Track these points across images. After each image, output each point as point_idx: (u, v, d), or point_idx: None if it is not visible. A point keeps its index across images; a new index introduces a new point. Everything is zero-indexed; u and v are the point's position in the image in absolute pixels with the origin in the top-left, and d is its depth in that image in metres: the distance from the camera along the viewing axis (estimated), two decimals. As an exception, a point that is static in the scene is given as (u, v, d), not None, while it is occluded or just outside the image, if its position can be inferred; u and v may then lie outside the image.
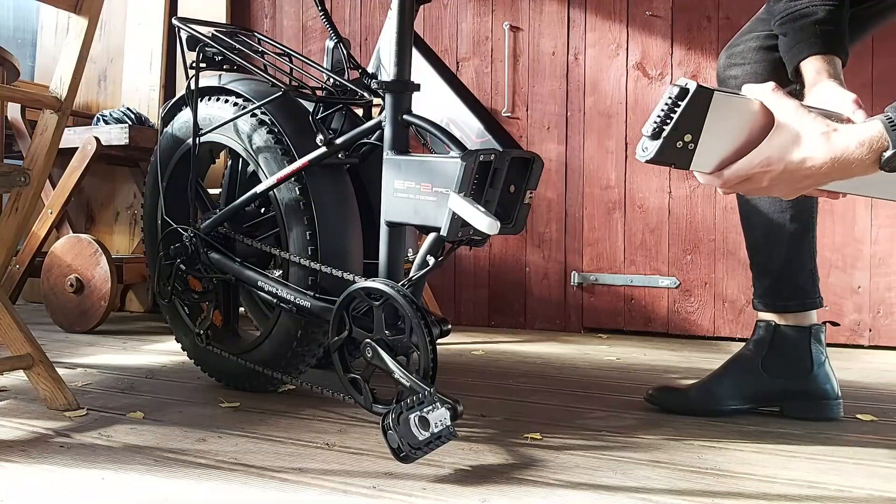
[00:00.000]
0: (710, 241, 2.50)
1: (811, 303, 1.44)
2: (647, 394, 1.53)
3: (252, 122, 1.51)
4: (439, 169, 1.19)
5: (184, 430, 1.32)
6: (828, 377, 1.42)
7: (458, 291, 2.82)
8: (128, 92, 3.04)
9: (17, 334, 1.41)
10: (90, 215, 3.17)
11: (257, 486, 1.05)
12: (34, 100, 1.50)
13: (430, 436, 1.08)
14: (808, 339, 1.42)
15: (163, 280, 1.61)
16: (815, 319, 1.44)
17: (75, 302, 2.44)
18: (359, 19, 2.98)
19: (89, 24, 1.43)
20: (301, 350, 1.49)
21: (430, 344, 1.15)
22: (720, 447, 1.26)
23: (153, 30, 3.03)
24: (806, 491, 1.07)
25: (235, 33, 1.51)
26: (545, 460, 1.18)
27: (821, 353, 1.42)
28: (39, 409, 1.43)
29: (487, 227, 1.11)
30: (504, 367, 1.98)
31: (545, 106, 2.69)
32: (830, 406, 1.41)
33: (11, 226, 1.46)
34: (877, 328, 2.33)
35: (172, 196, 1.65)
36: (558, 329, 2.67)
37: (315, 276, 1.42)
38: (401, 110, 1.28)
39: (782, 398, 1.43)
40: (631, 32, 2.58)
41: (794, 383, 1.42)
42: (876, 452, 1.25)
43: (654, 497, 1.03)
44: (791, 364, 1.42)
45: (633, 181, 2.58)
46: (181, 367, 1.86)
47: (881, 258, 2.32)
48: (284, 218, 1.46)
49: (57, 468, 1.11)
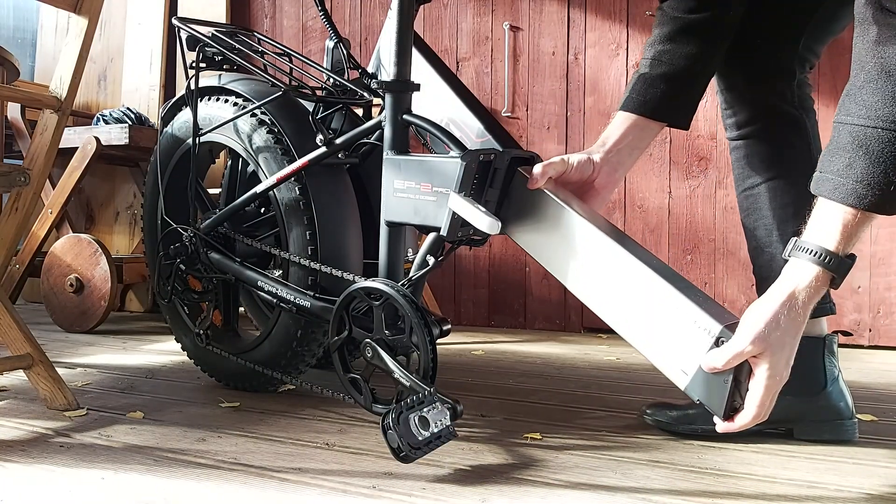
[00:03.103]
0: (710, 241, 2.50)
1: (821, 308, 1.28)
2: (643, 412, 1.41)
3: (252, 122, 1.51)
4: (439, 169, 1.19)
5: (183, 430, 1.32)
6: (842, 394, 1.28)
7: (458, 291, 2.82)
8: (128, 92, 3.04)
9: (17, 334, 1.41)
10: (90, 215, 3.17)
11: (257, 485, 1.05)
12: (34, 100, 1.50)
13: (430, 436, 1.08)
14: (822, 351, 1.28)
15: (163, 280, 1.61)
16: (825, 328, 1.32)
17: (75, 302, 2.44)
18: (359, 19, 2.98)
19: (89, 24, 1.43)
20: (301, 350, 1.49)
21: (430, 344, 1.15)
22: (720, 447, 1.26)
23: (153, 30, 3.03)
24: (805, 491, 1.07)
25: (235, 33, 1.51)
26: (545, 460, 1.18)
27: (834, 368, 1.29)
28: (39, 409, 1.43)
29: (488, 226, 1.11)
30: (504, 367, 1.98)
31: (545, 106, 2.69)
32: (845, 427, 1.28)
33: (11, 226, 1.46)
34: (877, 328, 2.33)
35: (172, 196, 1.65)
36: (558, 329, 2.67)
37: (315, 275, 1.42)
38: (401, 110, 1.28)
39: (792, 418, 1.30)
40: (631, 32, 2.58)
41: (805, 402, 1.28)
42: (875, 452, 1.25)
43: (654, 497, 1.03)
44: (802, 380, 1.25)
45: (632, 181, 2.58)
46: (181, 367, 1.86)
47: (881, 258, 2.32)
48: (284, 218, 1.46)
49: (57, 468, 1.11)
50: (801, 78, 1.31)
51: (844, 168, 0.96)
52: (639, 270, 1.07)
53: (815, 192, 1.00)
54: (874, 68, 0.95)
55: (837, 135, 0.99)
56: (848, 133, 0.97)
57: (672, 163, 2.54)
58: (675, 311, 1.04)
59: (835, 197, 0.96)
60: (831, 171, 0.98)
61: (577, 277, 1.13)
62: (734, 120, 1.36)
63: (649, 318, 1.07)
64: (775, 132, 1.32)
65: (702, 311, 1.02)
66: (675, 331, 1.04)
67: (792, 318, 0.96)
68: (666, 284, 1.05)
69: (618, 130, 1.25)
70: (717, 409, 1.01)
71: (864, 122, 0.95)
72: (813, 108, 1.35)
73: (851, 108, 0.97)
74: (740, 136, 1.35)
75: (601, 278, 1.11)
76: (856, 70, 0.98)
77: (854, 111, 0.97)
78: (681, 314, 1.03)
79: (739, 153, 1.37)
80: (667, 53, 1.24)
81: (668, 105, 1.25)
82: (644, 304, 1.07)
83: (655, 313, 1.06)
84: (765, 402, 0.96)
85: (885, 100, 0.94)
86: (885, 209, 0.96)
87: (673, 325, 1.04)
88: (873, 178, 0.94)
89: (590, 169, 1.23)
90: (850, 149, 0.96)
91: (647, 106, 1.24)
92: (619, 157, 1.25)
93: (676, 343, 1.04)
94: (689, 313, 1.03)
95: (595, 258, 1.11)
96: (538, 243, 1.18)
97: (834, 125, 1.02)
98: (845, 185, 0.95)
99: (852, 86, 0.99)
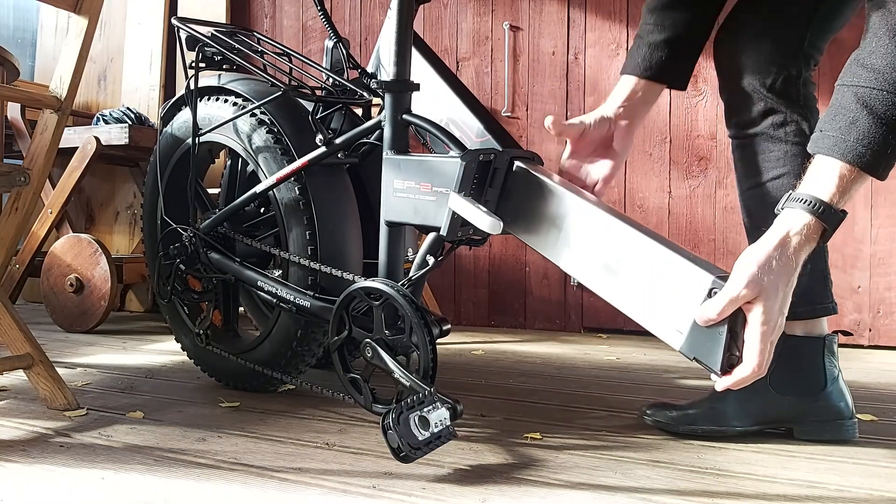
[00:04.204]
0: (710, 240, 2.50)
1: (822, 308, 1.29)
2: (642, 412, 1.39)
3: (252, 122, 1.51)
4: (439, 169, 1.19)
5: (183, 430, 1.32)
6: (842, 394, 1.28)
7: (458, 291, 2.82)
8: (128, 92, 3.04)
9: (17, 334, 1.41)
10: (90, 215, 3.17)
11: (257, 485, 1.05)
12: (34, 100, 1.50)
13: (430, 435, 1.08)
14: (822, 351, 1.28)
15: (162, 280, 1.61)
16: (826, 328, 1.31)
17: (75, 302, 2.44)
18: (358, 19, 2.98)
19: (89, 24, 1.43)
20: (301, 350, 1.49)
21: (429, 344, 1.15)
22: (720, 447, 1.26)
23: (153, 30, 3.03)
24: (805, 491, 1.07)
25: (235, 33, 1.51)
26: (545, 460, 1.18)
27: (834, 368, 1.28)
28: (39, 409, 1.43)
29: (490, 226, 1.11)
30: (504, 367, 1.98)
31: (545, 106, 2.69)
32: (845, 427, 1.28)
33: (11, 226, 1.46)
34: (877, 328, 2.34)
35: (172, 196, 1.65)
36: (558, 329, 2.67)
37: (315, 275, 1.42)
38: (400, 110, 1.28)
39: (792, 418, 1.30)
40: (631, 32, 2.58)
41: (805, 402, 1.28)
42: (876, 452, 1.25)
43: (654, 497, 1.03)
44: (802, 380, 1.28)
45: (632, 181, 2.58)
46: (181, 367, 1.86)
47: (881, 258, 2.32)
48: (284, 218, 1.46)
49: (57, 468, 1.11)
50: (805, 76, 1.31)
51: (847, 126, 0.98)
52: (629, 234, 1.08)
53: (813, 150, 1.01)
54: (886, 34, 0.97)
55: (841, 97, 1.01)
56: (853, 94, 0.99)
57: (672, 163, 2.54)
58: (667, 270, 1.04)
59: (834, 153, 0.98)
60: (832, 129, 0.99)
61: (571, 254, 1.14)
62: (737, 119, 1.36)
63: (642, 282, 1.06)
64: (779, 131, 1.31)
65: (693, 265, 1.01)
66: (668, 290, 1.03)
67: (784, 262, 0.96)
68: (656, 244, 1.05)
69: (625, 90, 1.30)
70: (714, 364, 0.99)
71: (873, 84, 0.97)
72: (816, 108, 1.35)
73: (859, 73, 0.99)
74: (743, 134, 1.35)
75: (594, 250, 1.11)
76: (869, 38, 1.00)
77: (862, 75, 0.99)
78: (672, 271, 1.03)
79: (742, 152, 1.36)
80: (668, 19, 1.29)
81: (671, 68, 1.30)
82: (636, 267, 1.07)
83: (648, 275, 1.06)
84: (763, 352, 0.95)
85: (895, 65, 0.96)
86: (880, 172, 0.98)
87: (665, 284, 1.04)
88: (874, 139, 0.96)
89: (606, 125, 1.27)
90: (854, 109, 0.98)
91: (652, 70, 1.29)
92: (631, 111, 1.29)
93: (670, 302, 1.03)
94: (680, 269, 1.03)
95: (587, 230, 1.12)
96: (533, 229, 1.19)
97: (837, 88, 1.03)
98: (846, 141, 0.97)
99: (861, 52, 1.01)
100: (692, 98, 2.50)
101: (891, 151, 0.97)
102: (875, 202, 2.32)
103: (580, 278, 1.15)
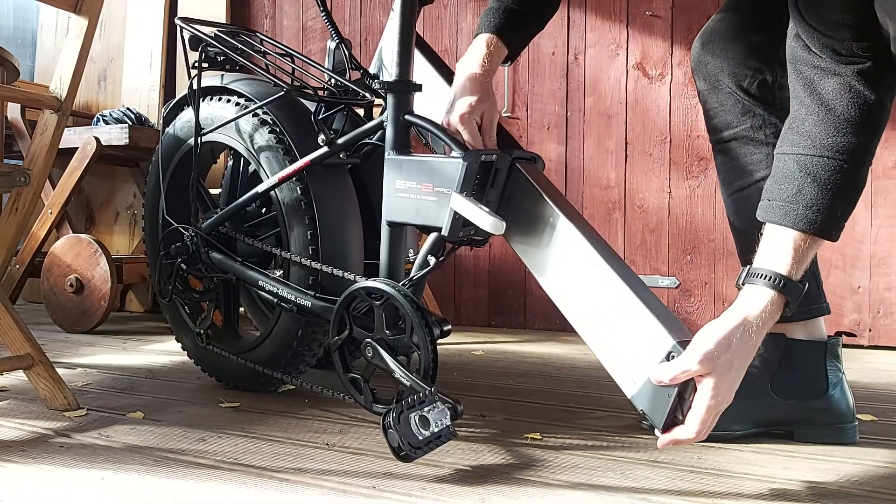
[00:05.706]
0: (710, 241, 2.50)
1: (817, 308, 1.29)
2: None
3: (254, 122, 1.51)
4: (440, 169, 1.20)
5: (183, 430, 1.32)
6: (844, 397, 1.28)
7: (458, 291, 2.82)
8: (128, 92, 3.04)
9: (17, 334, 1.41)
10: (90, 215, 3.17)
11: (256, 486, 1.05)
12: (34, 100, 1.50)
13: (430, 435, 1.08)
14: (823, 355, 1.28)
15: (163, 279, 1.61)
16: (825, 331, 1.31)
17: (75, 302, 2.44)
18: (359, 19, 2.98)
19: (89, 24, 1.43)
20: (301, 350, 1.49)
21: (430, 344, 1.15)
22: (720, 447, 1.26)
23: (153, 30, 3.03)
24: (805, 491, 1.07)
25: (237, 33, 1.52)
26: (544, 460, 1.18)
27: (837, 371, 1.28)
28: (39, 409, 1.43)
29: (492, 226, 1.11)
30: (504, 367, 1.98)
31: (545, 106, 2.69)
32: (846, 430, 1.28)
33: (11, 226, 1.46)
34: (877, 328, 2.34)
35: (173, 196, 1.65)
36: (558, 329, 2.67)
37: (316, 275, 1.42)
38: (402, 111, 1.28)
39: (793, 422, 1.30)
40: (631, 32, 2.58)
41: (807, 405, 1.28)
42: (875, 452, 1.25)
43: (654, 497, 1.03)
44: (804, 385, 1.28)
45: (632, 181, 2.58)
46: (181, 367, 1.86)
47: (881, 258, 2.32)
48: (285, 217, 1.46)
49: (57, 468, 1.11)
50: (781, 81, 1.32)
51: (794, 195, 1.01)
52: (608, 277, 1.12)
53: (764, 219, 1.04)
54: (813, 102, 1.01)
55: (783, 165, 1.04)
56: (794, 162, 1.02)
57: (672, 163, 2.54)
58: (634, 321, 1.08)
59: (786, 222, 1.01)
60: (780, 198, 1.02)
61: (552, 276, 1.20)
62: (716, 122, 1.37)
63: (610, 324, 1.12)
64: (759, 133, 1.33)
65: (658, 324, 1.06)
66: (630, 340, 1.09)
67: (744, 342, 0.98)
68: (630, 294, 1.09)
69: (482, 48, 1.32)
70: (657, 422, 1.05)
71: (811, 151, 1.01)
72: None
73: (796, 140, 1.03)
74: (724, 138, 1.37)
75: (572, 280, 1.17)
76: (795, 105, 1.05)
77: (798, 142, 1.03)
78: (638, 324, 1.08)
79: (725, 156, 1.38)
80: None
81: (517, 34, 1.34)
82: (608, 309, 1.12)
83: (616, 320, 1.11)
84: (705, 422, 0.98)
85: (828, 130, 1.00)
86: (832, 235, 1.01)
87: (630, 334, 1.09)
88: (822, 204, 1.00)
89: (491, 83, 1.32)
90: (799, 177, 1.01)
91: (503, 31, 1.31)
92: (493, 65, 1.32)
93: (630, 352, 1.09)
94: (646, 324, 1.07)
95: (571, 260, 1.16)
96: (523, 238, 1.23)
97: (777, 156, 1.07)
98: (795, 210, 1.00)
99: (794, 119, 1.04)
100: (692, 98, 2.50)
101: (840, 214, 1.01)
102: (875, 202, 2.32)
103: (555, 300, 1.20)
